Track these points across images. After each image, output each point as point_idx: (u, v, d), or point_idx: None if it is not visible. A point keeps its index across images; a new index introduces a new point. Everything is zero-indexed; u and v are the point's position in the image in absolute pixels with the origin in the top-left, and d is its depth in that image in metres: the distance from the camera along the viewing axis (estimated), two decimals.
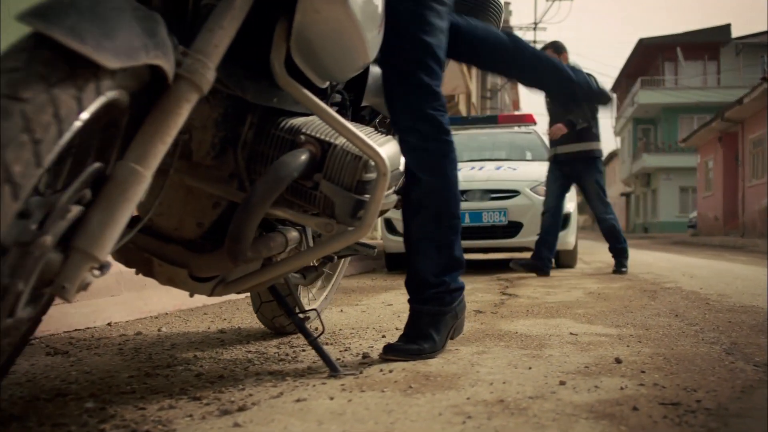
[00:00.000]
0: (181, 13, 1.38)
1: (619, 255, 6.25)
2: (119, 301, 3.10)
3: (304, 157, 1.48)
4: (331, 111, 1.51)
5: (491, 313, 3.22)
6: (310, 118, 1.62)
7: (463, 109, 21.86)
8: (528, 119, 8.92)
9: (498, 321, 2.91)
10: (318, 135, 1.55)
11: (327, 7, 1.35)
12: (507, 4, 33.46)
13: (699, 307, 3.37)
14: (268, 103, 1.51)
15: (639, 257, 9.49)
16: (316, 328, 2.75)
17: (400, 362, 1.94)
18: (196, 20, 1.33)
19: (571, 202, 6.93)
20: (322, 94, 1.69)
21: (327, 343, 2.35)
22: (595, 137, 6.16)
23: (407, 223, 2.05)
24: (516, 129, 8.84)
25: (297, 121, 1.59)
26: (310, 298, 2.71)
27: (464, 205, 6.67)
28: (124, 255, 1.62)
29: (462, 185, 6.98)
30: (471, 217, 6.69)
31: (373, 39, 1.54)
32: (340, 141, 1.54)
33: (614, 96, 6.34)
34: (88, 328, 2.79)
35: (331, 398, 1.52)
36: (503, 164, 7.38)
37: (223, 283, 1.65)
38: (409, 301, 2.10)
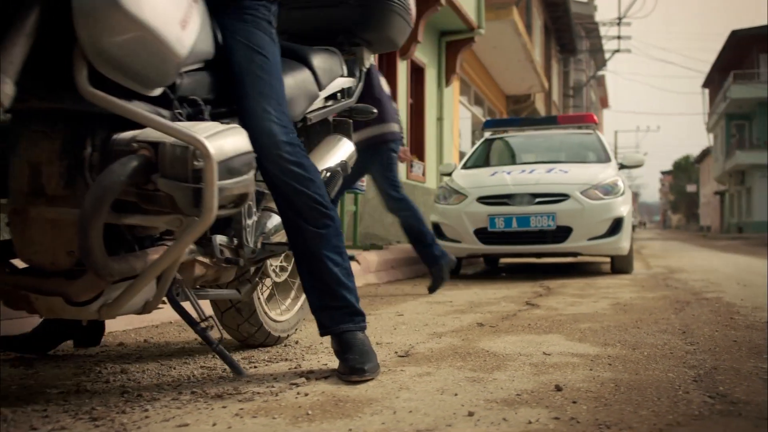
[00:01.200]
0: None
1: (432, 261, 4.94)
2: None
3: (133, 162, 1.49)
4: (139, 110, 1.52)
5: (489, 327, 3.11)
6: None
7: (541, 108, 21.41)
8: (589, 119, 8.64)
9: (484, 337, 2.81)
10: (150, 139, 1.55)
11: (101, 13, 1.35)
12: None
13: (718, 322, 3.16)
14: (91, 108, 1.51)
15: (709, 262, 9.03)
16: (298, 339, 2.73)
17: (327, 385, 1.88)
18: None
19: (624, 205, 6.65)
20: (166, 101, 1.68)
21: (285, 359, 2.32)
22: (382, 118, 4.75)
23: None
24: (576, 130, 8.58)
25: (133, 131, 1.59)
26: (282, 309, 2.69)
27: (511, 210, 6.53)
28: (5, 297, 1.66)
29: (510, 189, 6.89)
30: (518, 222, 6.52)
31: (178, 36, 1.53)
32: (170, 138, 1.54)
33: None
34: None
35: (214, 424, 1.49)
36: (555, 167, 7.16)
37: (107, 303, 1.65)
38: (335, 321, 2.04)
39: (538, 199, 6.56)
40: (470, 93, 15.69)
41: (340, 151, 2.57)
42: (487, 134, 8.80)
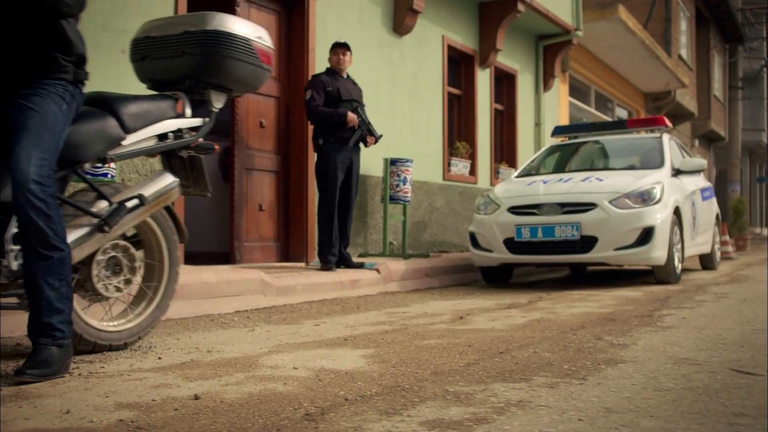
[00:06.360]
0: None
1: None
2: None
3: None
4: None
5: (344, 340, 3.39)
6: None
7: (689, 104, 20.20)
8: (660, 122, 8.33)
9: (303, 350, 3.11)
10: None
11: None
12: None
13: (551, 342, 3.21)
14: None
15: None
16: (152, 345, 3.20)
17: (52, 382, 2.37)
18: None
19: (659, 213, 6.45)
20: None
21: (88, 361, 2.79)
22: None
23: None
24: (648, 134, 8.32)
25: None
26: (121, 322, 3.11)
27: (538, 219, 6.58)
28: None
29: (539, 199, 6.92)
30: (543, 232, 6.57)
31: None
32: None
33: None
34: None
35: None
36: (592, 175, 7.07)
37: None
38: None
39: (565, 209, 6.56)
40: (590, 94, 15.30)
41: (148, 186, 3.05)
42: (554, 141, 8.77)
